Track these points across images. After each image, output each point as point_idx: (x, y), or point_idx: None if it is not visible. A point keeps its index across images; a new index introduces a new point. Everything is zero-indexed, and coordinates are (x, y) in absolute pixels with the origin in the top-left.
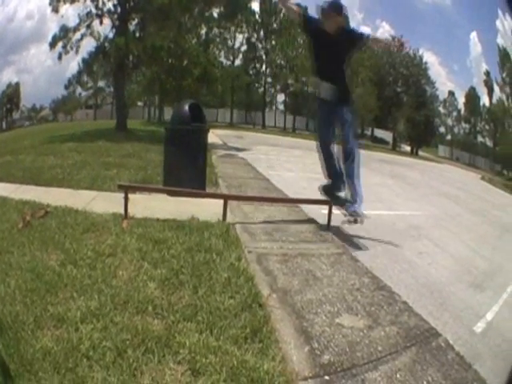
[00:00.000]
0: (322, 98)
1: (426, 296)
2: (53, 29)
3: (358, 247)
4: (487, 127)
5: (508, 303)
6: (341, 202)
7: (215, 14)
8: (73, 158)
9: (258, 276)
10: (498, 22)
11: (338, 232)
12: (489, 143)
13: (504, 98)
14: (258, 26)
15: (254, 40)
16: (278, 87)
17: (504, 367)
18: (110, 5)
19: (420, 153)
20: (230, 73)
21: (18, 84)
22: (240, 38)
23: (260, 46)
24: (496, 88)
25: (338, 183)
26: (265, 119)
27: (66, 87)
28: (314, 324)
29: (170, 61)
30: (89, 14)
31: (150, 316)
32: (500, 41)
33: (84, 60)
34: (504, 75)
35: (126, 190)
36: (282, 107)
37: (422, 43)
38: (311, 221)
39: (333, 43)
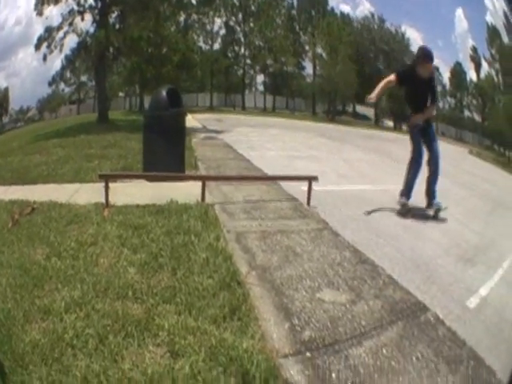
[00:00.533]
0: (417, 125)
1: (412, 270)
2: (38, 31)
3: (339, 222)
4: (474, 102)
5: (505, 279)
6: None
7: (193, 1)
8: (57, 154)
9: (236, 254)
10: (487, 1)
11: (318, 207)
12: (477, 117)
13: (493, 73)
14: (236, 9)
15: (232, 23)
16: (257, 68)
17: (506, 346)
18: (91, 0)
19: (404, 127)
20: (209, 57)
21: (7, 89)
22: (218, 22)
23: (238, 28)
24: (484, 63)
25: (411, 192)
26: (244, 101)
27: (50, 84)
28: (294, 300)
29: (149, 50)
30: (71, 11)
31: (129, 301)
32: (489, 18)
33: (67, 56)
34: (493, 52)
35: (107, 179)
36: (261, 88)
37: (405, 20)
38: (291, 198)
39: (423, 83)
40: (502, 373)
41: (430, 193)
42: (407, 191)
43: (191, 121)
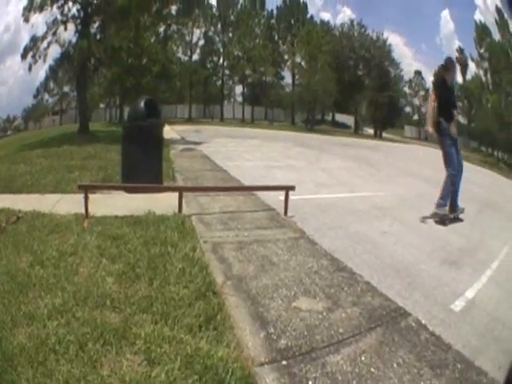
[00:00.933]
0: (453, 136)
1: (392, 276)
2: (25, 39)
3: (316, 231)
4: (460, 104)
5: (494, 280)
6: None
7: (173, 12)
8: (40, 164)
9: (212, 265)
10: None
11: (295, 217)
12: (462, 120)
13: (481, 73)
14: (215, 19)
15: (211, 34)
16: (236, 79)
17: (496, 347)
18: (74, 10)
19: (384, 135)
20: (188, 68)
21: None
22: (197, 32)
23: (217, 39)
24: (471, 64)
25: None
26: (223, 112)
27: (35, 96)
28: (270, 309)
29: (129, 60)
30: (55, 20)
31: (108, 310)
32: (478, 17)
33: (50, 67)
34: (482, 51)
35: (86, 190)
36: (240, 99)
37: (386, 25)
38: (268, 208)
39: (450, 89)
40: (496, 372)
41: (454, 200)
42: (445, 202)
43: (170, 132)
